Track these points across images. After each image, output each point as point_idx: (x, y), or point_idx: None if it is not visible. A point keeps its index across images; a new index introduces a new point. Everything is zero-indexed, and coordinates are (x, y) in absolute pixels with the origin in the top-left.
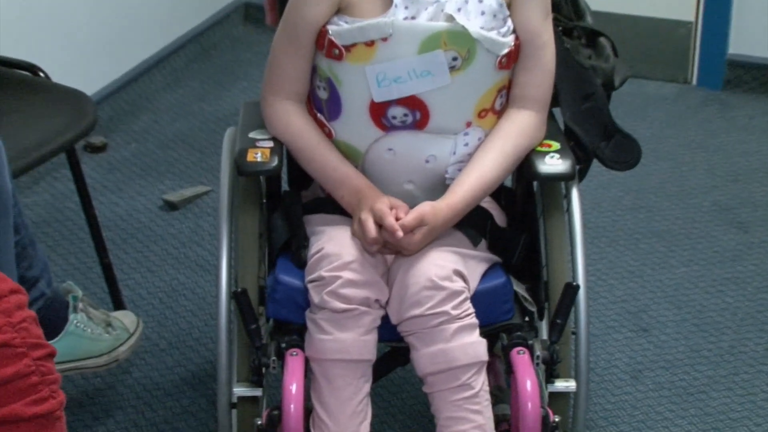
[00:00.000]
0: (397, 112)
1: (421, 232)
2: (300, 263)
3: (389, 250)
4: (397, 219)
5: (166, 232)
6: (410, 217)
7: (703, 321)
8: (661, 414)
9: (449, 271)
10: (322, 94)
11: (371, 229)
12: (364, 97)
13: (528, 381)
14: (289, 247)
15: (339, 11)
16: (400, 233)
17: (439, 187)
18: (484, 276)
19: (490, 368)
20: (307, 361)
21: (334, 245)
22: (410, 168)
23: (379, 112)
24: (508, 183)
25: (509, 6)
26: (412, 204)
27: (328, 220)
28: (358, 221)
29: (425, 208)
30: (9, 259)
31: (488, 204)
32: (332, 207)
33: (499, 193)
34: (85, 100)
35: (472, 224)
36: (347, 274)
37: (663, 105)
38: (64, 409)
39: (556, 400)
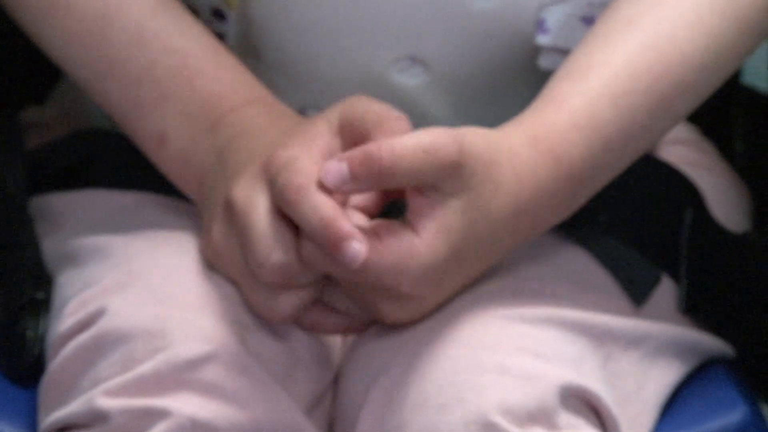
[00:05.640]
0: None
1: (440, 218)
2: (18, 362)
3: (341, 324)
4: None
5: None
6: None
7: None
8: None
9: (548, 391)
10: None
11: (272, 239)
12: None
13: None
14: None
15: None
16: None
17: (512, 80)
18: (675, 405)
19: None
20: None
21: (142, 299)
22: (416, 16)
23: None
24: (753, 76)
25: None
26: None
27: (119, 211)
28: (224, 211)
29: (454, 140)
30: None
31: (681, 151)
32: (128, 169)
33: (720, 115)
34: None
35: (625, 223)
36: (187, 405)
37: None
38: None
39: None
